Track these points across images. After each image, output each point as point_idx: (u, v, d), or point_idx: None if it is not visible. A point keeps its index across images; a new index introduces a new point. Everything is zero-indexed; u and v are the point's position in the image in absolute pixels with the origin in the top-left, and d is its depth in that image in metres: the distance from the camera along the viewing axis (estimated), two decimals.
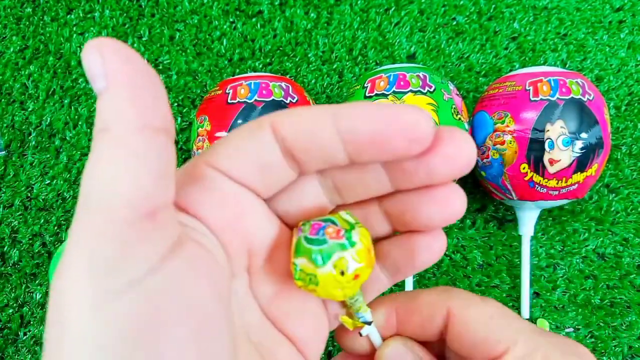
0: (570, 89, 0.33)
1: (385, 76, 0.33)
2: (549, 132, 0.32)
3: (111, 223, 0.12)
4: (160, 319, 0.12)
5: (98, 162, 0.13)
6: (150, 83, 0.13)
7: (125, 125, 0.13)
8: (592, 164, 0.33)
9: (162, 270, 0.13)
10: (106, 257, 0.12)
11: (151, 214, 0.13)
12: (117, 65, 0.13)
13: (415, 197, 0.17)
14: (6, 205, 0.40)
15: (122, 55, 0.13)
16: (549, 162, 0.32)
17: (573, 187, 0.33)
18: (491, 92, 0.36)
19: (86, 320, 0.12)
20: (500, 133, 0.34)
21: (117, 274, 0.12)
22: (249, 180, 0.16)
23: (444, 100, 0.33)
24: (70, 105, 0.41)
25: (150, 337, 0.12)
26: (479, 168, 0.36)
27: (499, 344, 0.18)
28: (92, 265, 0.12)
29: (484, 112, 0.35)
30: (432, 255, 0.18)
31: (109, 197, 0.12)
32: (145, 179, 0.12)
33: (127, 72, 0.13)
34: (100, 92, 0.13)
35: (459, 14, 0.43)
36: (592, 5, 0.43)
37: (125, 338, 0.12)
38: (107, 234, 0.12)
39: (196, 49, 0.42)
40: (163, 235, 0.13)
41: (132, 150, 0.12)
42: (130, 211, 0.12)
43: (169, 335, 0.13)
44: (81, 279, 0.12)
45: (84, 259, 0.12)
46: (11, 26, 0.43)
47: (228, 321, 0.15)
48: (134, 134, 0.13)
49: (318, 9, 0.43)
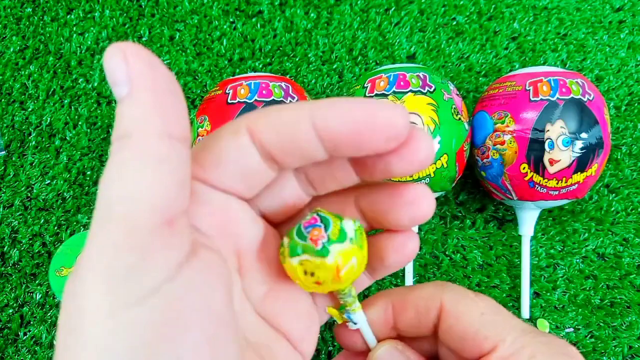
0: (570, 89, 0.33)
1: (385, 76, 0.33)
2: (549, 132, 0.32)
3: (134, 230, 0.12)
4: (177, 325, 0.12)
5: (120, 169, 0.12)
6: (173, 90, 0.13)
7: (149, 132, 0.12)
8: (592, 164, 0.33)
9: (179, 277, 0.13)
10: (127, 265, 0.12)
11: (171, 221, 0.13)
12: (141, 70, 0.12)
13: (385, 197, 0.17)
14: (6, 205, 0.40)
15: (145, 61, 0.13)
16: (549, 162, 0.32)
17: (573, 187, 0.33)
18: (491, 92, 0.36)
19: (103, 327, 0.12)
20: (500, 133, 0.34)
21: (137, 281, 0.12)
22: (234, 187, 0.16)
23: (444, 100, 0.33)
24: (70, 105, 0.41)
25: (167, 343, 0.12)
26: (479, 168, 0.36)
27: (487, 340, 0.18)
28: (112, 273, 0.12)
29: (484, 112, 0.35)
30: (403, 257, 0.18)
31: (133, 203, 0.12)
32: (168, 186, 0.12)
33: (152, 78, 0.13)
34: (122, 98, 0.13)
35: (459, 14, 0.43)
36: (592, 5, 0.43)
37: (143, 345, 0.12)
38: (130, 241, 0.12)
39: (196, 49, 0.42)
40: (181, 242, 0.13)
41: (156, 157, 0.12)
42: (153, 218, 0.12)
43: (186, 341, 0.13)
44: (100, 286, 0.12)
45: (102, 265, 0.12)
46: (11, 26, 0.43)
47: (236, 325, 0.15)
48: (157, 141, 0.12)
49: (318, 9, 0.43)
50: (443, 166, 0.33)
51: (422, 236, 0.39)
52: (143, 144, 0.12)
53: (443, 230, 0.39)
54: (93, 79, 0.42)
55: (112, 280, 0.12)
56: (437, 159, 0.32)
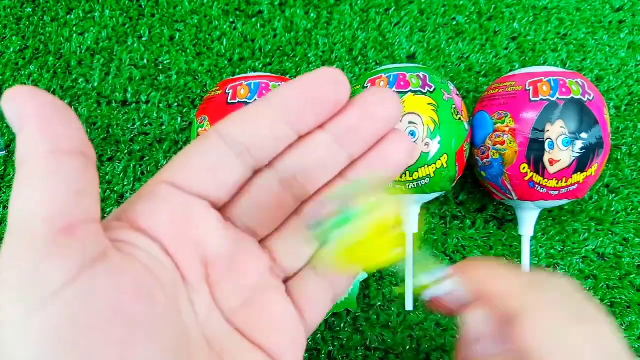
0: (570, 89, 0.33)
1: (385, 76, 0.33)
2: (549, 132, 0.32)
3: (30, 239, 0.13)
4: (81, 326, 0.13)
5: (16, 189, 0.14)
6: (58, 113, 0.14)
7: (37, 153, 0.14)
8: (592, 164, 0.33)
9: (80, 280, 0.13)
10: (27, 272, 0.13)
11: (68, 229, 0.13)
12: (26, 104, 0.14)
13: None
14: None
15: (30, 95, 0.14)
16: (549, 162, 0.32)
17: (573, 187, 0.33)
18: (491, 92, 0.36)
19: (16, 333, 0.13)
20: (500, 133, 0.34)
21: (38, 286, 0.13)
22: (200, 188, 0.17)
23: (444, 100, 0.33)
24: (70, 105, 0.41)
25: (71, 345, 0.13)
26: (479, 168, 0.36)
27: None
28: (19, 282, 0.13)
29: (484, 112, 0.35)
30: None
31: (27, 216, 0.13)
32: (58, 197, 0.14)
33: (34, 107, 0.14)
34: (17, 133, 0.14)
35: (459, 14, 0.43)
36: (592, 5, 0.43)
37: (51, 347, 0.13)
38: (28, 250, 0.13)
39: (196, 49, 0.42)
40: (83, 248, 0.14)
41: (44, 173, 0.14)
42: (46, 228, 0.13)
43: (91, 342, 0.13)
44: (10, 295, 0.13)
45: (12, 276, 0.13)
46: (11, 26, 0.43)
47: (166, 328, 0.15)
48: (44, 158, 0.14)
49: (318, 9, 0.43)
50: (443, 166, 0.33)
51: (422, 236, 0.39)
52: (32, 165, 0.14)
53: (443, 230, 0.39)
54: (93, 79, 0.42)
55: (19, 288, 0.13)
56: (437, 159, 0.32)
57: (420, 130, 0.32)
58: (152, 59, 0.42)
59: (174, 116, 0.41)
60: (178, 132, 0.41)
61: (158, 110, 0.41)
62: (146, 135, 0.41)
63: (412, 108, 0.32)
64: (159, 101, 0.41)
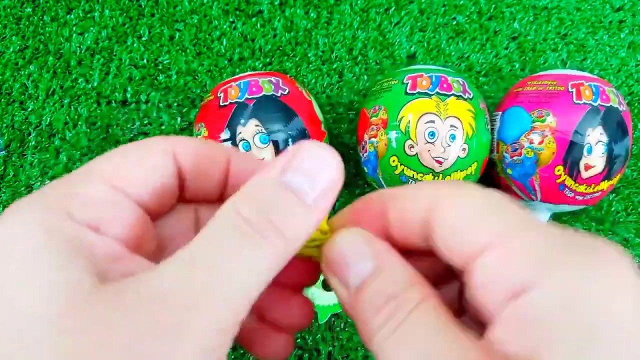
0: (609, 97, 0.32)
1: (427, 75, 0.33)
2: (589, 137, 0.32)
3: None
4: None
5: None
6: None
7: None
8: (617, 173, 0.33)
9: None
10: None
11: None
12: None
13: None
14: (6, 205, 0.40)
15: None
16: (585, 167, 0.32)
17: (597, 194, 0.33)
18: (527, 89, 0.35)
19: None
20: (539, 131, 0.33)
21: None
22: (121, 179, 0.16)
23: (480, 108, 0.33)
24: (70, 105, 0.41)
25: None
26: (505, 165, 0.35)
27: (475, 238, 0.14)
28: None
29: (521, 108, 0.34)
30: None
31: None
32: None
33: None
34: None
35: (459, 13, 0.43)
36: (592, 5, 0.43)
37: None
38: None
39: (196, 48, 0.42)
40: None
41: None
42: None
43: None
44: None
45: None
46: (11, 26, 0.43)
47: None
48: None
49: (318, 9, 0.43)
50: (472, 173, 0.33)
51: None
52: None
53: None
54: (93, 79, 0.42)
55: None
56: (468, 166, 0.32)
57: (460, 135, 0.32)
58: (152, 58, 0.42)
59: (174, 116, 0.41)
60: (178, 132, 0.41)
61: (158, 110, 0.41)
62: (146, 135, 0.41)
63: (455, 112, 0.32)
64: (158, 101, 0.41)
